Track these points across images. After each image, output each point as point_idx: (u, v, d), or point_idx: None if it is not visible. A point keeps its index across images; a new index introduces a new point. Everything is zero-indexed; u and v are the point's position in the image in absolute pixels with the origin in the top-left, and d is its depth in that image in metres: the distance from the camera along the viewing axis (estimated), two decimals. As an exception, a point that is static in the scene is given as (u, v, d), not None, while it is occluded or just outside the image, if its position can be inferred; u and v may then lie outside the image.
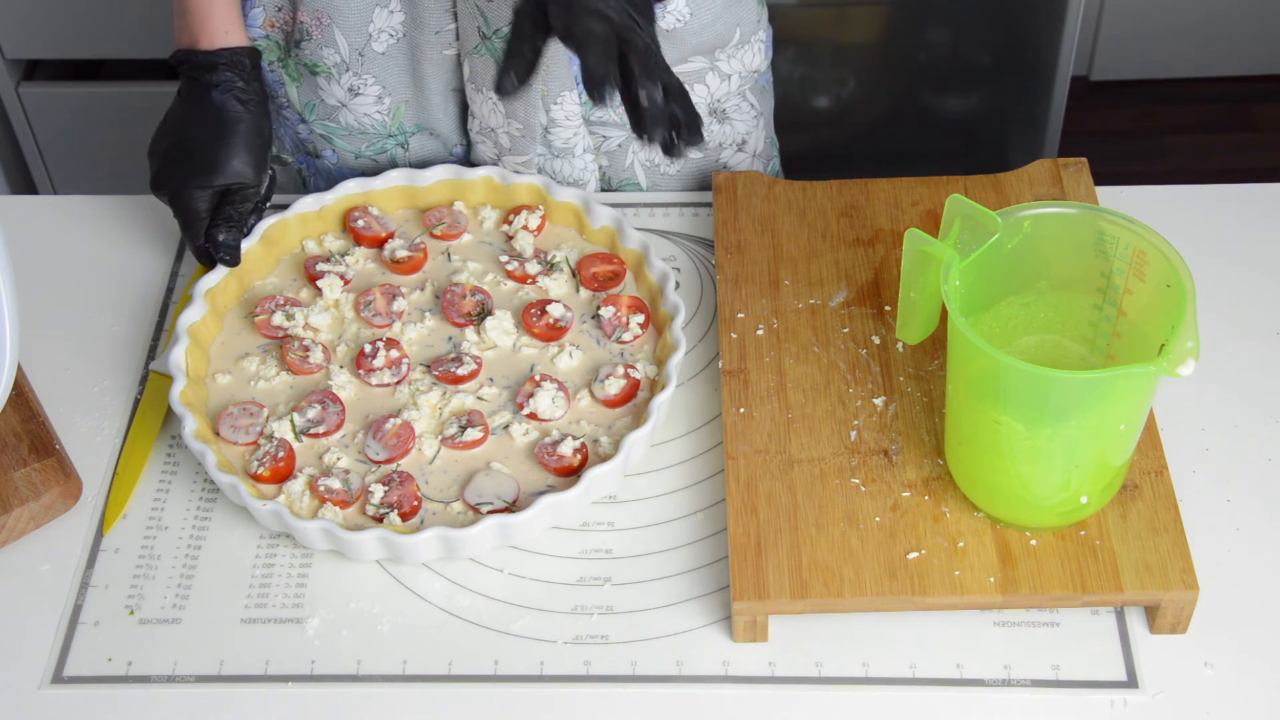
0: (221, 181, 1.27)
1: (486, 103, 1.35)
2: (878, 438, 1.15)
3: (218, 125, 1.29)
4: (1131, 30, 2.80)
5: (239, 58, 1.30)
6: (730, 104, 1.41)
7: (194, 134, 1.28)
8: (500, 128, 1.36)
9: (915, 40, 2.31)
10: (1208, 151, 2.81)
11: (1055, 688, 1.05)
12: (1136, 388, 1.00)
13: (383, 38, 1.33)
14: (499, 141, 1.38)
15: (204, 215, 1.27)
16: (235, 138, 1.28)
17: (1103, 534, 1.08)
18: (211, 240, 1.26)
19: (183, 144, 1.28)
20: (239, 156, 1.28)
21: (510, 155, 1.38)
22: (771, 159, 1.49)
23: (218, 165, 1.27)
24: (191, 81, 1.30)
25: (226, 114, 1.29)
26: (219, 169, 1.27)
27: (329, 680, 1.08)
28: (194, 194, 1.27)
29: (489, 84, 1.34)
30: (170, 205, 1.29)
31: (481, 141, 1.39)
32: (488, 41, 1.31)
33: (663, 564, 1.13)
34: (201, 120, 1.29)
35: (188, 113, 1.30)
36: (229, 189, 1.28)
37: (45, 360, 1.28)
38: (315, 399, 1.20)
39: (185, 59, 1.30)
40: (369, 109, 1.38)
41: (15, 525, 1.15)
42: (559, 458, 1.15)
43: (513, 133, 1.36)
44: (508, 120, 1.35)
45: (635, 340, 1.24)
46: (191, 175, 1.27)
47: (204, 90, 1.29)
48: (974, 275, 1.06)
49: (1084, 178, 1.32)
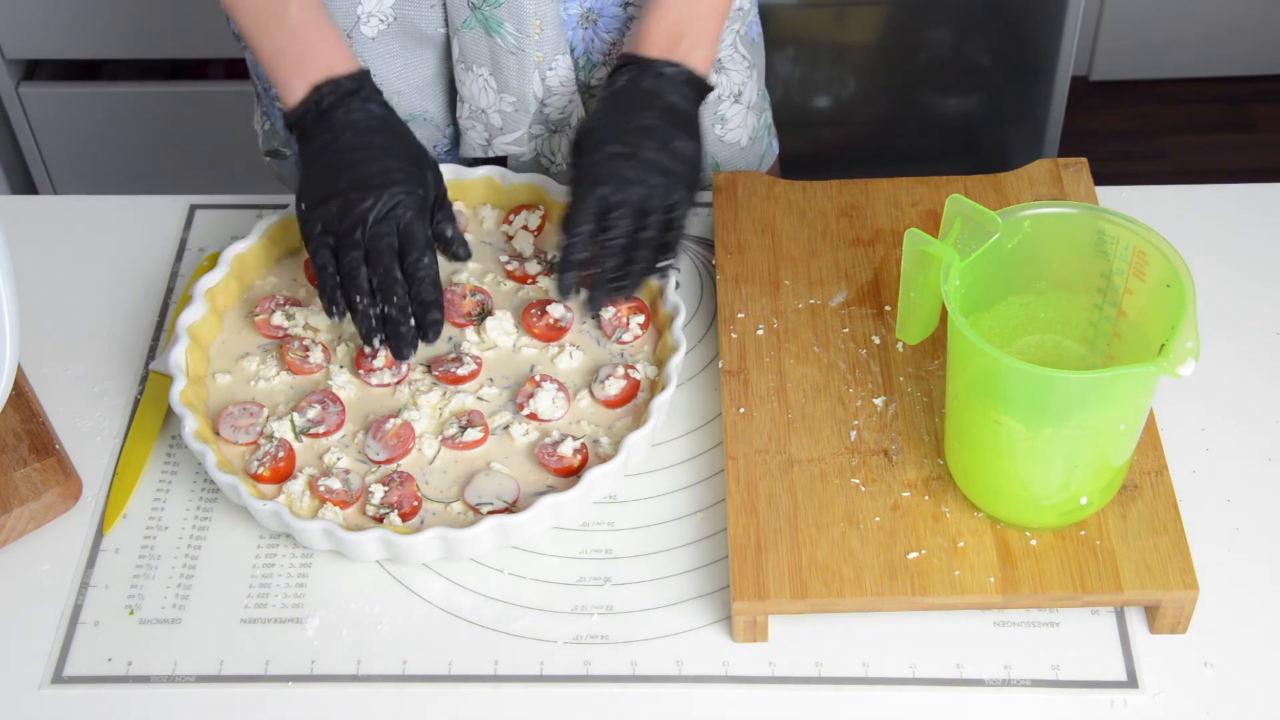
0: (434, 179, 1.23)
1: (477, 81, 1.35)
2: (878, 438, 1.15)
3: (399, 132, 1.24)
4: (1131, 30, 2.80)
5: (366, 72, 1.26)
6: (724, 54, 1.42)
7: (382, 149, 1.21)
8: (491, 106, 1.37)
9: (915, 40, 2.31)
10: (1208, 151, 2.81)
11: (1055, 688, 1.05)
12: (1136, 388, 1.00)
13: (372, 22, 1.33)
14: (490, 123, 1.38)
15: (424, 230, 1.20)
16: (414, 138, 1.25)
17: (1103, 534, 1.08)
18: (440, 236, 1.22)
19: (372, 164, 1.20)
20: (425, 153, 1.25)
21: (501, 136, 1.39)
22: (764, 111, 1.51)
23: (429, 162, 1.24)
24: (339, 110, 1.22)
25: (395, 121, 1.24)
26: (431, 165, 1.24)
27: (329, 680, 1.08)
28: (413, 203, 1.19)
29: (479, 60, 1.34)
30: (372, 235, 1.18)
31: (471, 127, 1.39)
32: (477, 11, 1.31)
33: (663, 564, 1.13)
34: (380, 135, 1.22)
35: (356, 139, 1.21)
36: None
37: (45, 360, 1.28)
38: (315, 399, 1.20)
39: (330, 90, 1.22)
40: None
41: (15, 525, 1.15)
42: (559, 458, 1.15)
43: (504, 109, 1.36)
44: (500, 96, 1.36)
45: (635, 341, 1.24)
46: (409, 184, 1.20)
47: (355, 112, 1.22)
48: (974, 275, 1.06)
49: (1084, 178, 1.32)
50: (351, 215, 1.18)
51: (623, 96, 1.24)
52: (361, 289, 1.17)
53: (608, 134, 1.21)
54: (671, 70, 1.24)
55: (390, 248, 1.17)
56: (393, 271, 1.17)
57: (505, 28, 1.31)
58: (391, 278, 1.17)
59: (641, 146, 1.20)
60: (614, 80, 1.25)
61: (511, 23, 1.31)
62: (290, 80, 1.23)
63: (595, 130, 1.22)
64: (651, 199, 1.19)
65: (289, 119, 1.24)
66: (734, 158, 1.47)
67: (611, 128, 1.21)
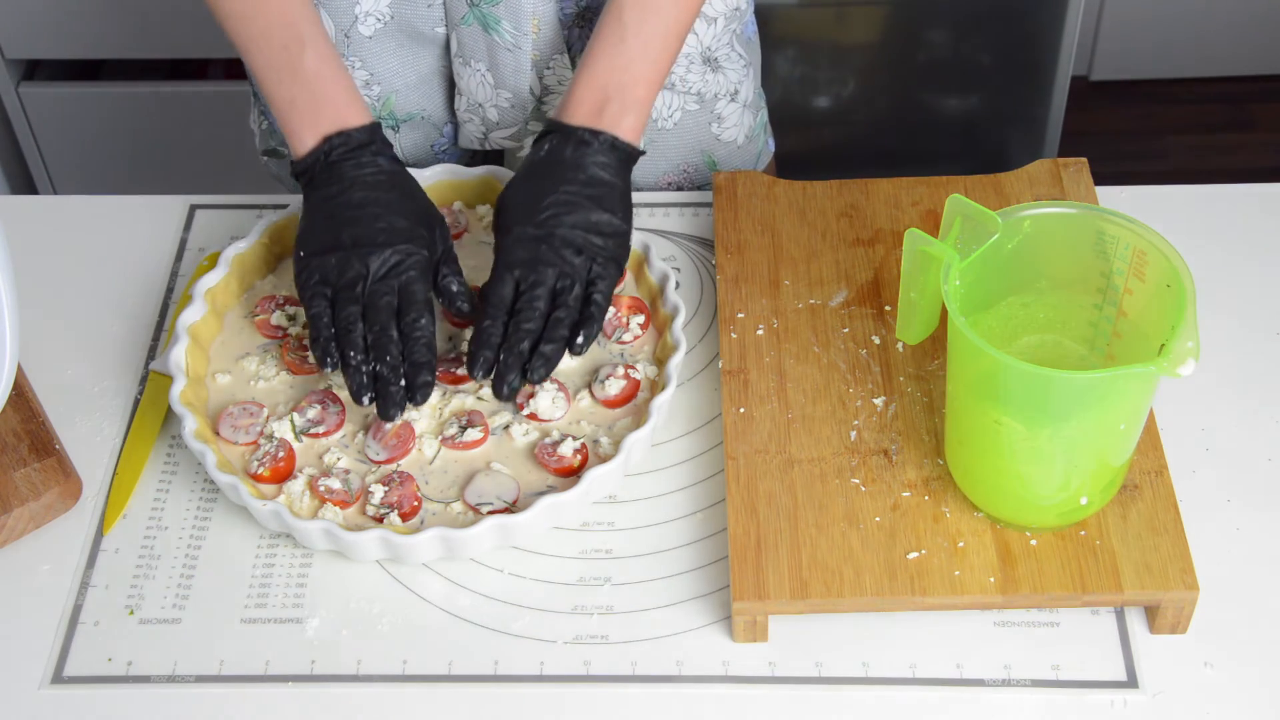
0: (442, 236, 1.21)
1: (474, 76, 1.35)
2: (878, 438, 1.15)
3: (408, 188, 1.22)
4: (1131, 30, 2.80)
5: (378, 124, 1.24)
6: (720, 52, 1.41)
7: (388, 206, 1.19)
8: (488, 101, 1.37)
9: (915, 40, 2.31)
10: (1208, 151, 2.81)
11: (1055, 688, 1.05)
12: (1136, 388, 1.00)
13: (369, 21, 1.33)
14: (487, 117, 1.38)
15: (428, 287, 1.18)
16: (422, 194, 1.23)
17: (1103, 534, 1.08)
18: (445, 291, 1.19)
19: (377, 220, 1.18)
20: (433, 209, 1.23)
21: (498, 130, 1.39)
22: (761, 110, 1.51)
23: (436, 218, 1.22)
24: (348, 162, 1.20)
25: (405, 177, 1.22)
26: (438, 221, 1.22)
27: (329, 680, 1.08)
28: (416, 262, 1.17)
29: (476, 56, 1.34)
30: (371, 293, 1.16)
31: (469, 120, 1.40)
32: (475, 9, 1.31)
33: (663, 564, 1.13)
34: (388, 191, 1.20)
35: (363, 194, 1.19)
36: None
37: (45, 360, 1.28)
38: (315, 399, 1.20)
39: (340, 141, 1.20)
40: None
41: (15, 525, 1.15)
42: (559, 458, 1.15)
43: (501, 105, 1.37)
44: (496, 91, 1.36)
45: (635, 340, 1.24)
46: (413, 242, 1.18)
47: (364, 166, 1.20)
48: (974, 275, 1.06)
49: (1084, 178, 1.32)
50: (352, 270, 1.17)
51: (541, 168, 1.20)
52: (356, 345, 1.15)
53: (521, 213, 1.19)
54: (593, 138, 1.20)
55: (389, 306, 1.16)
56: (389, 330, 1.15)
57: (503, 25, 1.32)
58: (387, 336, 1.15)
59: (557, 225, 1.17)
60: (536, 150, 1.22)
61: (509, 21, 1.31)
62: (301, 130, 1.21)
63: (510, 208, 1.20)
64: (565, 279, 1.17)
65: (296, 168, 1.22)
66: (730, 156, 1.47)
67: (526, 205, 1.19)
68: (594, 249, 1.18)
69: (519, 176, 1.22)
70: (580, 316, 1.17)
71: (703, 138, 1.44)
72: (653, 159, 1.44)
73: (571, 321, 1.16)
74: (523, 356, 1.15)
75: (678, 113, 1.42)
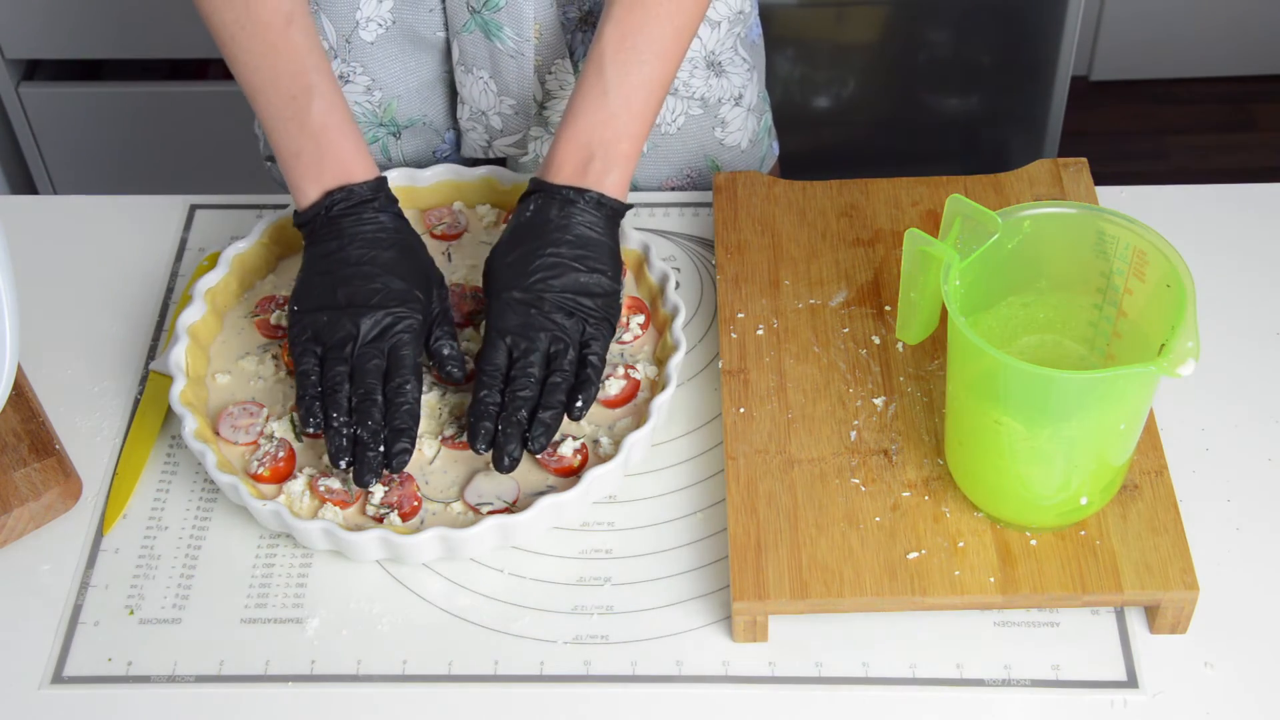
0: (439, 296, 1.20)
1: (477, 84, 1.35)
2: (878, 438, 1.15)
3: (407, 246, 1.20)
4: (1131, 30, 2.80)
5: (383, 179, 1.23)
6: (724, 56, 1.41)
7: (385, 266, 1.18)
8: (492, 109, 1.37)
9: (915, 40, 2.31)
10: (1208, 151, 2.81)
11: (1055, 688, 1.05)
12: (1136, 388, 1.00)
13: (371, 27, 1.33)
14: (490, 124, 1.38)
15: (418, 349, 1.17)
16: (423, 252, 1.22)
17: (1103, 534, 1.08)
18: (437, 355, 1.18)
19: (373, 281, 1.17)
20: (433, 268, 1.21)
21: (502, 138, 1.39)
22: (764, 113, 1.51)
23: (435, 278, 1.20)
24: (349, 218, 1.19)
25: (406, 234, 1.21)
26: (437, 281, 1.21)
27: (329, 680, 1.08)
28: (408, 325, 1.16)
29: (479, 63, 1.34)
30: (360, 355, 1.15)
31: (472, 129, 1.39)
32: (477, 15, 1.31)
33: (663, 564, 1.13)
34: (388, 250, 1.19)
35: (361, 252, 1.18)
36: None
37: (45, 360, 1.28)
38: (315, 399, 1.20)
39: (342, 196, 1.19)
40: (359, 98, 1.38)
41: (15, 525, 1.15)
42: (559, 458, 1.15)
43: (504, 112, 1.36)
44: (500, 98, 1.35)
45: (635, 340, 1.24)
46: (407, 305, 1.17)
47: (365, 223, 1.19)
48: (974, 275, 1.06)
49: (1084, 178, 1.32)
50: (342, 330, 1.15)
51: (527, 229, 1.19)
52: (340, 406, 1.13)
53: (510, 278, 1.17)
54: (579, 197, 1.19)
55: (377, 369, 1.15)
56: (374, 394, 1.14)
57: (505, 31, 1.31)
58: (371, 400, 1.13)
59: (546, 289, 1.16)
60: (521, 210, 1.20)
61: (511, 27, 1.31)
62: (304, 183, 1.20)
63: (498, 272, 1.18)
64: (559, 343, 1.16)
65: (298, 219, 1.21)
66: (734, 161, 1.47)
67: (514, 270, 1.17)
68: (585, 311, 1.17)
69: (505, 239, 1.20)
70: (576, 380, 1.16)
71: (706, 142, 1.44)
72: (656, 163, 1.44)
73: (568, 386, 1.15)
74: (522, 425, 1.13)
75: (681, 117, 1.42)
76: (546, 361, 1.16)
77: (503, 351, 1.16)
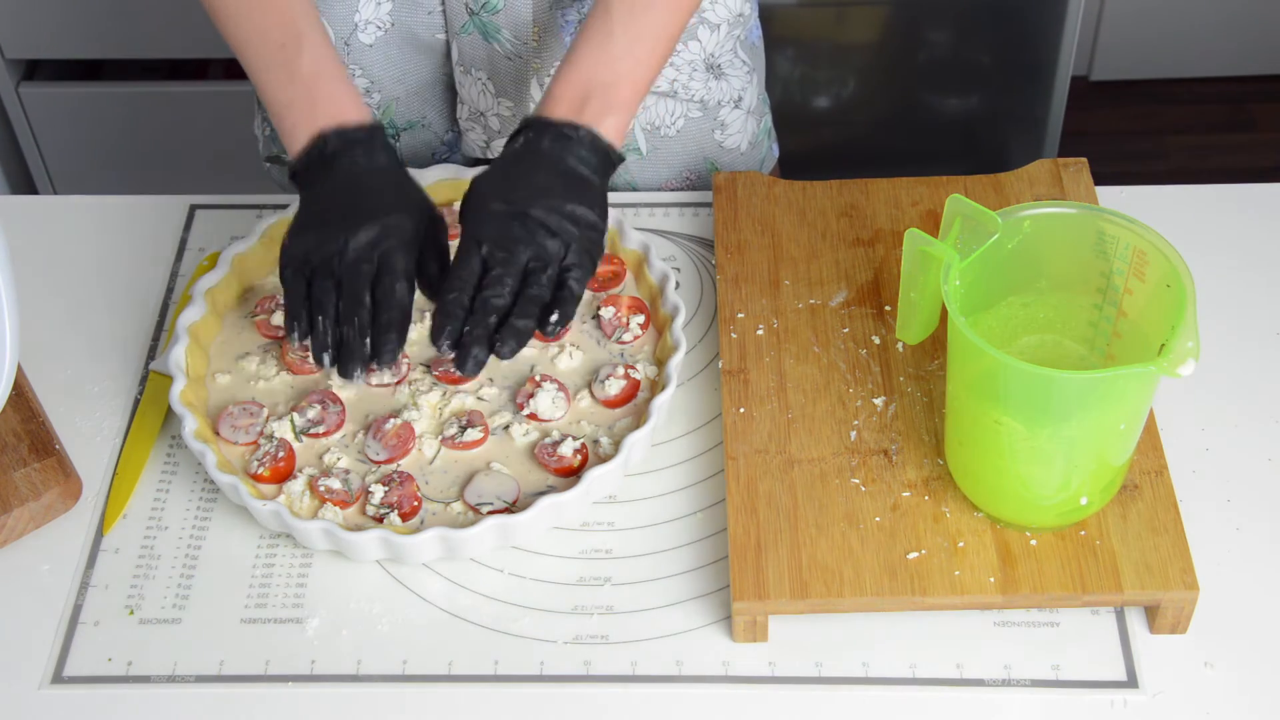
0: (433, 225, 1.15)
1: (475, 85, 1.35)
2: (878, 438, 1.15)
3: (403, 183, 1.17)
4: (1131, 30, 2.80)
5: (378, 125, 1.19)
6: (724, 59, 1.41)
7: (377, 192, 1.14)
8: (490, 110, 1.36)
9: (915, 40, 2.31)
10: (1208, 151, 2.81)
11: (1055, 688, 1.05)
12: (1136, 388, 1.00)
13: (370, 29, 1.33)
14: (488, 125, 1.38)
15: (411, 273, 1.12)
16: (419, 190, 1.17)
17: (1103, 534, 1.08)
18: (424, 272, 1.13)
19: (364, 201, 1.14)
20: (434, 208, 1.17)
21: (500, 138, 1.38)
22: (764, 115, 1.50)
23: (430, 211, 1.16)
24: (343, 158, 1.15)
25: (403, 174, 1.17)
26: (433, 215, 1.16)
27: (329, 680, 1.08)
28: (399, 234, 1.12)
29: (477, 64, 1.34)
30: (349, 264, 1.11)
31: (470, 129, 1.39)
32: (475, 18, 1.30)
33: (663, 564, 1.13)
34: (383, 183, 1.16)
35: (355, 184, 1.15)
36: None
37: (45, 360, 1.28)
38: (315, 399, 1.20)
39: (336, 137, 1.15)
40: None
41: (15, 525, 1.15)
42: (559, 458, 1.15)
43: (502, 113, 1.36)
44: (497, 100, 1.35)
45: (635, 340, 1.24)
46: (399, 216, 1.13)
47: (358, 164, 1.15)
48: (974, 275, 1.06)
49: (1084, 178, 1.32)
50: (332, 245, 1.11)
51: (517, 158, 1.14)
52: (326, 312, 1.10)
53: (494, 190, 1.13)
54: (573, 132, 1.14)
55: (366, 274, 1.10)
56: (360, 297, 1.09)
57: (503, 34, 1.31)
58: (358, 301, 1.09)
59: (531, 205, 1.11)
60: (511, 143, 1.16)
61: (509, 29, 1.31)
62: (297, 130, 1.16)
63: (481, 189, 1.14)
64: (538, 260, 1.10)
65: (292, 168, 1.17)
66: (734, 163, 1.47)
67: (499, 186, 1.13)
68: (569, 235, 1.11)
69: (492, 167, 1.16)
70: (553, 299, 1.10)
71: (706, 144, 1.44)
72: (655, 165, 1.44)
73: (543, 301, 1.10)
74: (490, 329, 1.09)
75: (680, 120, 1.42)
76: (523, 276, 1.10)
77: (476, 259, 1.10)
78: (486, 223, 1.12)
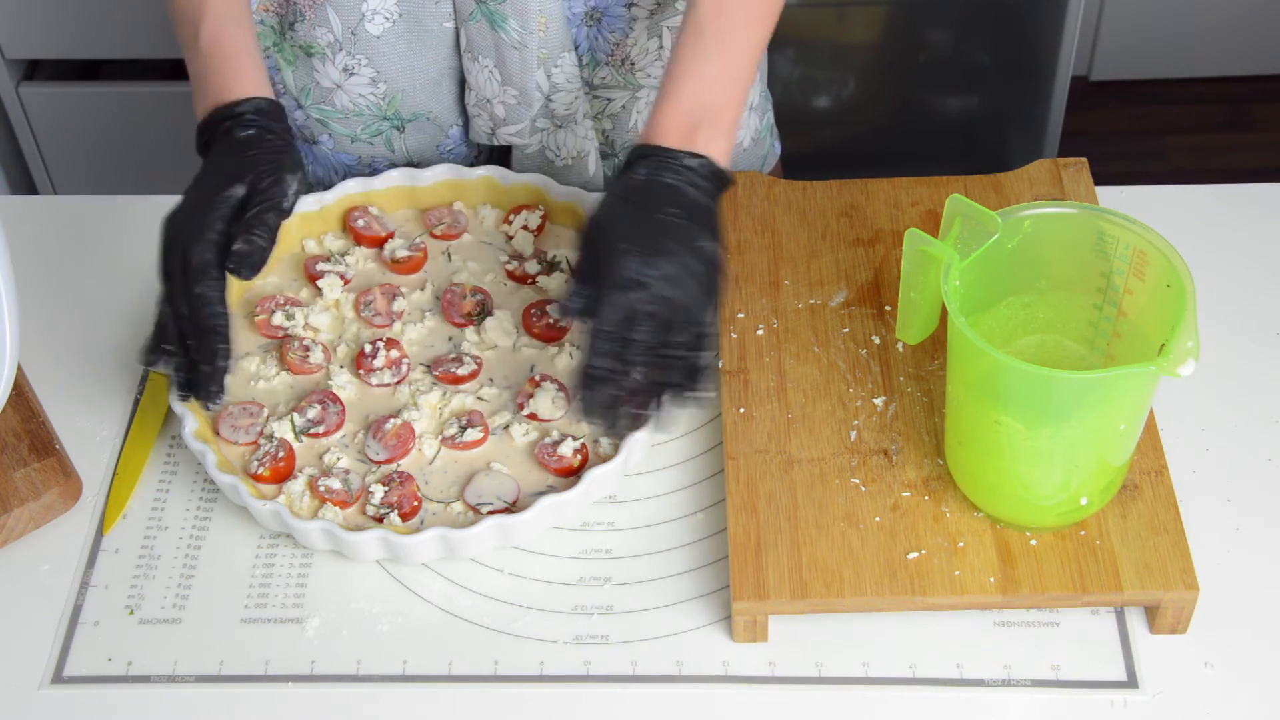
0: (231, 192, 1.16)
1: (483, 71, 1.35)
2: (878, 438, 1.15)
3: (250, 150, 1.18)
4: (1131, 30, 2.80)
5: (261, 104, 1.20)
6: None
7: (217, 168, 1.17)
8: (496, 97, 1.36)
9: (915, 40, 2.31)
10: (1208, 151, 2.81)
11: (1055, 688, 1.05)
12: (1136, 388, 1.00)
13: (377, 19, 1.33)
14: (494, 113, 1.38)
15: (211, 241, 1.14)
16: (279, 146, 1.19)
17: (1103, 534, 1.08)
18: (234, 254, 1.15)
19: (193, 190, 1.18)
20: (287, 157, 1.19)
21: (505, 126, 1.38)
22: (766, 112, 1.50)
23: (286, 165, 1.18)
24: (216, 140, 1.19)
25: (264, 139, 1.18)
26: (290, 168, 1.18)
27: (329, 680, 1.08)
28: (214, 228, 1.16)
29: (484, 52, 1.34)
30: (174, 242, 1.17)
31: (477, 115, 1.39)
32: (483, 6, 1.31)
33: (663, 564, 1.13)
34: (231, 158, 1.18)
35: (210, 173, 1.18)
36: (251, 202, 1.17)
37: (45, 360, 1.28)
38: (315, 399, 1.20)
39: (215, 117, 1.19)
40: (363, 90, 1.38)
41: (15, 525, 1.15)
42: (559, 458, 1.15)
43: (508, 101, 1.36)
44: (503, 88, 1.35)
45: (635, 340, 1.24)
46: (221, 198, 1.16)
47: (221, 141, 1.18)
48: (974, 275, 1.06)
49: (1084, 178, 1.32)
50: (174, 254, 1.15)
51: (642, 191, 1.13)
52: (170, 336, 1.14)
53: (625, 232, 1.10)
54: (695, 162, 1.13)
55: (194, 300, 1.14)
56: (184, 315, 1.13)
57: (510, 23, 1.31)
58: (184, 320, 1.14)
59: (664, 246, 1.09)
60: (632, 172, 1.14)
61: (516, 19, 1.31)
62: (195, 108, 1.21)
63: (609, 228, 1.11)
64: (679, 307, 1.08)
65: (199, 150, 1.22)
66: (737, 159, 1.47)
67: (629, 226, 1.11)
68: (702, 278, 1.10)
69: (615, 198, 1.14)
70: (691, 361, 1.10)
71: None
72: None
73: (688, 366, 1.10)
74: (637, 400, 1.10)
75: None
76: (664, 329, 1.09)
77: (617, 316, 1.08)
78: (622, 268, 1.08)
